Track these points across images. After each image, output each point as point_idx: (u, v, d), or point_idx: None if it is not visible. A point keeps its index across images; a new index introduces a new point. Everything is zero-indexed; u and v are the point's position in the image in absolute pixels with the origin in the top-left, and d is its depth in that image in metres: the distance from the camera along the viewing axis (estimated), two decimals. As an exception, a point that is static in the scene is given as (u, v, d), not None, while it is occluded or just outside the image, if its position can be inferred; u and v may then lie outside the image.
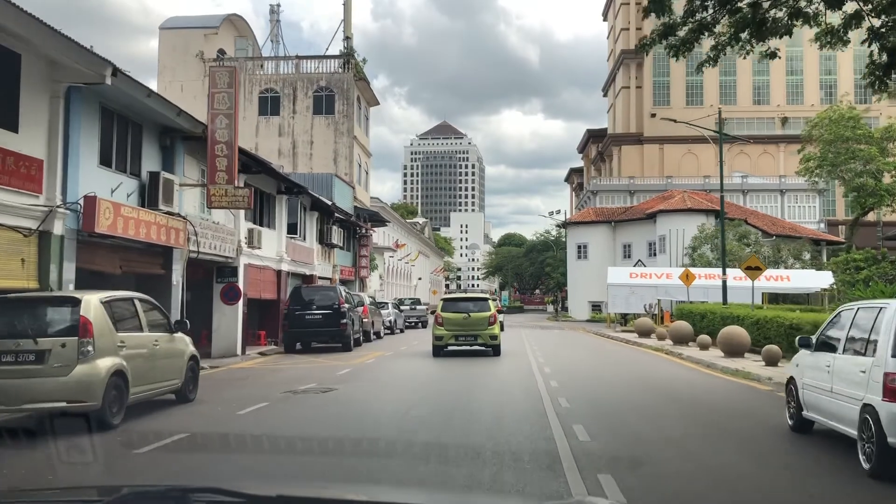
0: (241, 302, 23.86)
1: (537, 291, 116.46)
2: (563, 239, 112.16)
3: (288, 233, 29.76)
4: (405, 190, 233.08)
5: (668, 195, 64.49)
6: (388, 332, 36.71)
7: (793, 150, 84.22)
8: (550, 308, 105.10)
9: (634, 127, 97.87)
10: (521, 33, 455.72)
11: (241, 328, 23.95)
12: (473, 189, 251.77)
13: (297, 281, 30.84)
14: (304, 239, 32.51)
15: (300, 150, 43.59)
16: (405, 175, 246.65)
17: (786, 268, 49.44)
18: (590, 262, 64.83)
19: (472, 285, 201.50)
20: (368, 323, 29.90)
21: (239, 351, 23.79)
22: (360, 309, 28.18)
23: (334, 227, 36.17)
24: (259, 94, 44.35)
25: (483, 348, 22.27)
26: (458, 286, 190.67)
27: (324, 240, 35.54)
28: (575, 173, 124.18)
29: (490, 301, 23.10)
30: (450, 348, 22.20)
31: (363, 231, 42.82)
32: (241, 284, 23.94)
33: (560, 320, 63.11)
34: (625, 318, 48.09)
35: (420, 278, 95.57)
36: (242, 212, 23.95)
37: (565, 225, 65.05)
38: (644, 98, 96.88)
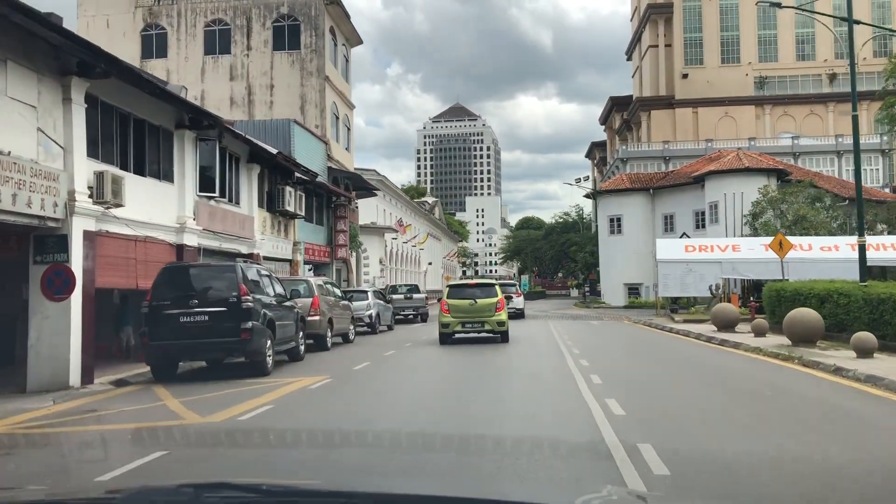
0: (76, 295, 13.65)
1: (560, 275, 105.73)
2: (586, 219, 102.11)
3: (201, 190, 19.50)
4: (418, 175, 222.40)
5: (716, 156, 53.60)
6: (369, 330, 26.43)
7: (844, 110, 73.25)
8: (575, 292, 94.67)
9: (664, 90, 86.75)
10: (534, 16, 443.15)
11: (78, 341, 13.71)
12: (489, 172, 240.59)
13: (222, 262, 20.52)
14: (236, 202, 22.30)
15: (258, 97, 33.34)
16: (418, 160, 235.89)
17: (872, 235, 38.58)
18: (624, 238, 54.21)
19: (490, 271, 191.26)
20: (321, 322, 19.58)
21: (75, 380, 13.57)
22: (296, 302, 17.79)
23: (291, 190, 25.97)
24: (204, 27, 34.06)
25: (490, 335, 21.20)
26: (476, 272, 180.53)
27: (274, 206, 25.36)
28: (597, 148, 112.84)
29: (496, 287, 21.79)
30: (457, 336, 21.21)
31: (340, 200, 32.52)
32: (77, 266, 13.71)
33: (592, 307, 52.55)
34: (675, 303, 37.47)
35: (430, 263, 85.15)
36: (78, 142, 13.75)
37: (594, 195, 54.57)
38: (674, 57, 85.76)
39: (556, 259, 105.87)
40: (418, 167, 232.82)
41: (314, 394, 12.26)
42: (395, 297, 34.26)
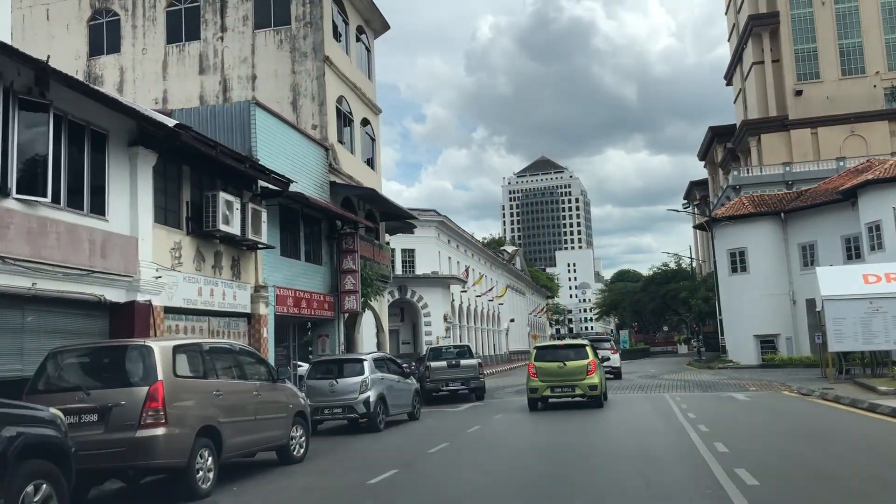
0: None
1: (665, 329, 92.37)
2: (688, 268, 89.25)
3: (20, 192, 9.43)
4: (503, 232, 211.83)
5: (865, 166, 40.99)
6: (364, 425, 15.68)
7: None
8: (683, 349, 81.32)
9: (775, 110, 74.11)
10: (617, 71, 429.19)
11: None
12: (579, 225, 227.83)
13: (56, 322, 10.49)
14: (95, 210, 12.23)
15: (236, 93, 23.66)
16: (503, 216, 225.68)
17: None
18: (751, 277, 41.85)
19: (585, 328, 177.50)
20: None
21: None
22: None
23: (232, 200, 15.86)
24: (166, 7, 24.84)
25: (582, 399, 19.03)
26: (570, 330, 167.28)
27: (204, 225, 15.21)
28: (696, 187, 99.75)
29: (588, 347, 19.60)
30: (550, 401, 19.40)
31: (346, 228, 22.25)
32: None
33: (716, 367, 40.08)
34: (844, 361, 25.09)
35: (512, 320, 73.77)
36: None
37: (710, 222, 42.84)
38: (784, 73, 73.21)
39: (658, 312, 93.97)
40: (503, 223, 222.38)
41: None
42: (434, 364, 23.41)
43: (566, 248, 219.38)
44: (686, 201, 59.75)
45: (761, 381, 26.10)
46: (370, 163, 27.46)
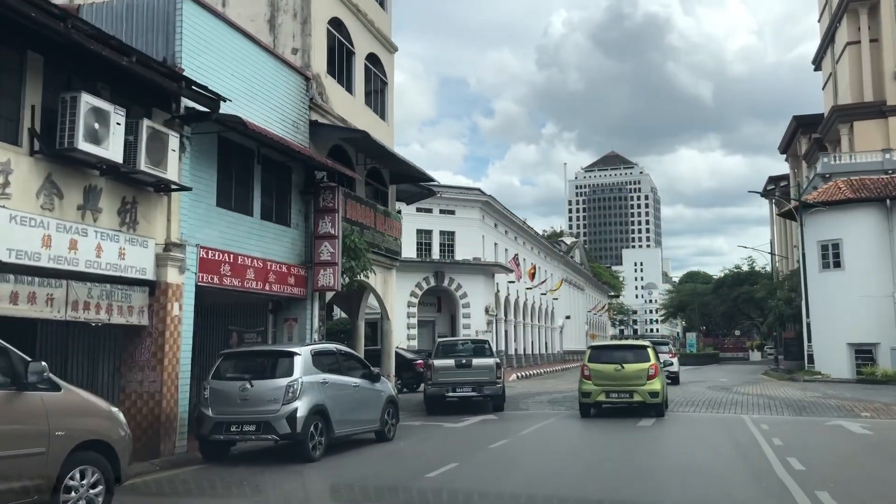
0: None
1: (737, 333, 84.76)
2: (763, 269, 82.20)
3: None
4: (570, 227, 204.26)
5: None
6: (289, 449, 10.36)
7: None
8: (756, 355, 73.79)
9: (871, 94, 65.89)
10: (693, 69, 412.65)
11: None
12: (647, 223, 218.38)
13: None
14: None
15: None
16: (570, 212, 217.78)
17: None
18: (846, 275, 35.00)
19: (650, 329, 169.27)
20: None
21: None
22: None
23: (123, 116, 10.66)
24: None
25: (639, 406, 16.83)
26: (634, 331, 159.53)
27: (58, 144, 10.06)
28: (775, 182, 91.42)
29: (650, 349, 17.68)
30: (603, 406, 17.33)
31: (326, 181, 16.95)
32: None
33: (799, 380, 33.39)
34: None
35: (568, 317, 67.56)
36: None
37: (798, 211, 35.89)
38: (884, 54, 64.87)
39: (729, 315, 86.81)
40: (570, 219, 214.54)
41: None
42: (439, 363, 17.92)
43: (633, 247, 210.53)
44: (773, 186, 52.77)
45: (871, 404, 19.71)
46: (380, 112, 22.06)
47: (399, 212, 23.14)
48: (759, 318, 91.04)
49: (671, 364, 28.98)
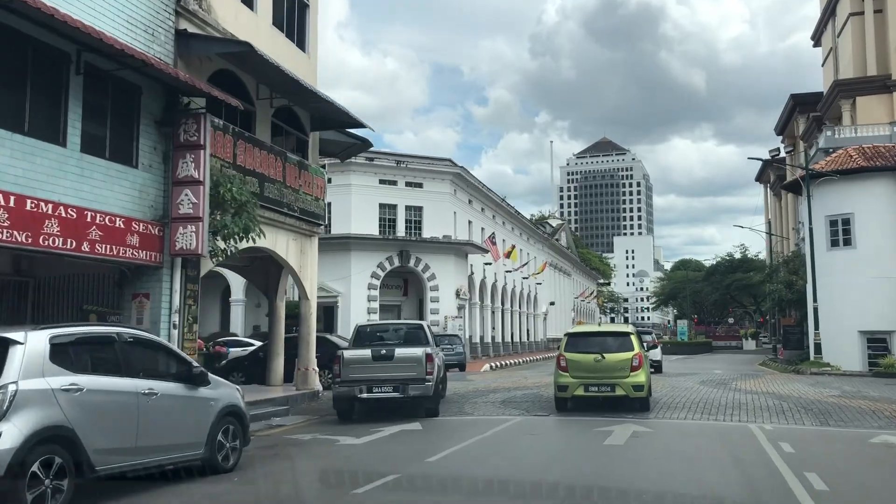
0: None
1: (730, 321, 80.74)
2: (756, 256, 79.06)
3: None
4: (561, 215, 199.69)
5: None
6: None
7: None
8: (750, 343, 69.62)
9: (875, 68, 61.40)
10: (686, 58, 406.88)
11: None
12: (640, 210, 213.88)
13: None
14: None
15: None
16: (561, 199, 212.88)
17: None
18: (857, 254, 30.65)
19: (641, 317, 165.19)
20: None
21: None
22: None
23: None
24: None
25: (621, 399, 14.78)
26: (625, 319, 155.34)
27: None
28: (770, 167, 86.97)
29: (633, 336, 15.56)
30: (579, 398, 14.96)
31: (195, 107, 12.34)
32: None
33: (805, 372, 28.99)
34: None
35: (552, 303, 63.17)
36: None
37: (807, 176, 31.45)
38: (888, 26, 60.31)
39: (721, 304, 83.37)
40: (561, 206, 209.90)
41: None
42: (350, 355, 13.41)
43: (625, 234, 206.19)
44: (777, 149, 48.37)
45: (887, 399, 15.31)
46: (298, 40, 17.47)
47: (324, 167, 18.56)
48: (752, 305, 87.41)
49: (653, 354, 26.44)
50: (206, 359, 23.99)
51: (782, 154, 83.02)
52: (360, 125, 17.66)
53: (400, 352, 13.51)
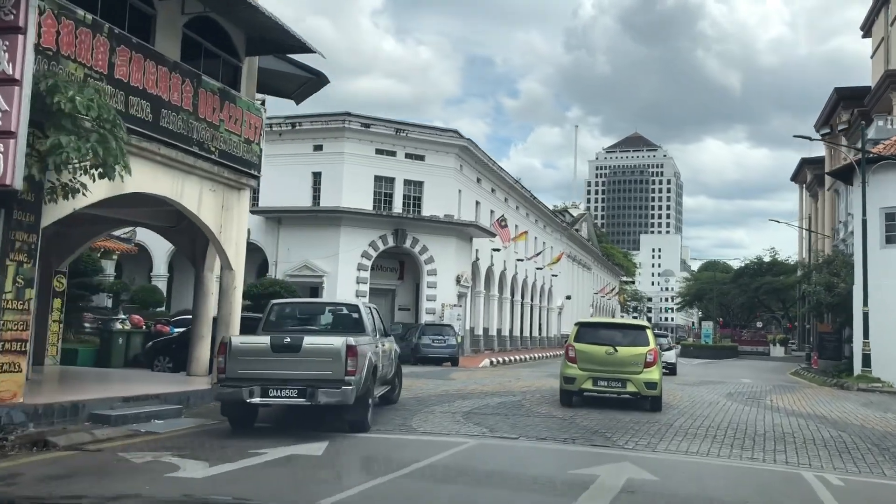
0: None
1: (759, 325, 76.07)
2: (787, 260, 75.17)
3: None
4: (588, 209, 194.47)
5: None
6: None
7: None
8: (779, 350, 64.84)
9: (931, 60, 56.32)
10: (722, 58, 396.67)
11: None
12: (668, 209, 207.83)
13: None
14: None
15: None
16: (588, 193, 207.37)
17: None
18: (916, 253, 26.19)
19: (665, 318, 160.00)
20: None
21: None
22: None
23: None
24: None
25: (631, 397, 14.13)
26: (648, 319, 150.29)
27: None
28: (809, 166, 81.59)
29: (648, 331, 14.92)
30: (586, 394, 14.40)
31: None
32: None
33: (852, 388, 24.59)
34: None
35: (569, 297, 58.97)
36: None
37: (860, 166, 27.16)
38: (946, 14, 55.33)
39: (748, 307, 79.52)
40: (588, 202, 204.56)
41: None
42: (243, 343, 9.60)
43: (652, 233, 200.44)
44: (819, 131, 43.82)
45: None
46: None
47: (263, 103, 14.65)
48: (780, 310, 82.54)
49: (668, 356, 26.30)
50: (146, 338, 20.42)
51: (820, 153, 77.81)
52: (307, 49, 13.72)
53: (310, 341, 9.55)
